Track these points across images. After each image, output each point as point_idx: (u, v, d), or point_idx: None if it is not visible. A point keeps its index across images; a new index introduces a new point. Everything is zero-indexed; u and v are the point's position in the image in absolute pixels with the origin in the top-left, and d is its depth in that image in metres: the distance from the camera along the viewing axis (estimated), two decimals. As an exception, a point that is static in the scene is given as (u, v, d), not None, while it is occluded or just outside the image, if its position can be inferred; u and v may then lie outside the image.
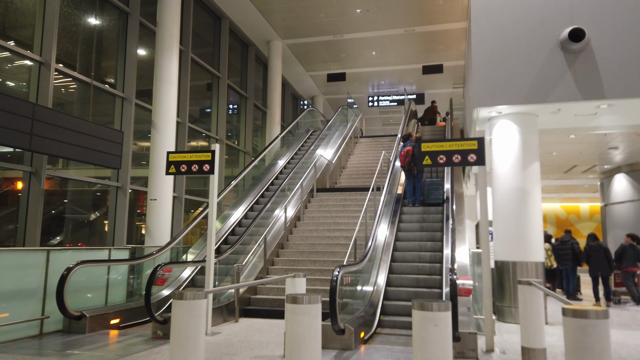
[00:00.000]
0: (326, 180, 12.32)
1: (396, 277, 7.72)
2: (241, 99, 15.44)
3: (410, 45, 15.81)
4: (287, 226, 9.52)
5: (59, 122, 7.24)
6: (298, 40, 15.43)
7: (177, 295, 2.98)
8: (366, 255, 6.63)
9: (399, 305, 6.94)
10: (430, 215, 9.71)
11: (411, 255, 8.33)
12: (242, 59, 15.67)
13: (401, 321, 6.55)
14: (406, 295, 7.29)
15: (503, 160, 7.63)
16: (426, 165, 5.76)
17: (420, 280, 7.58)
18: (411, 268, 7.95)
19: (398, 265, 8.06)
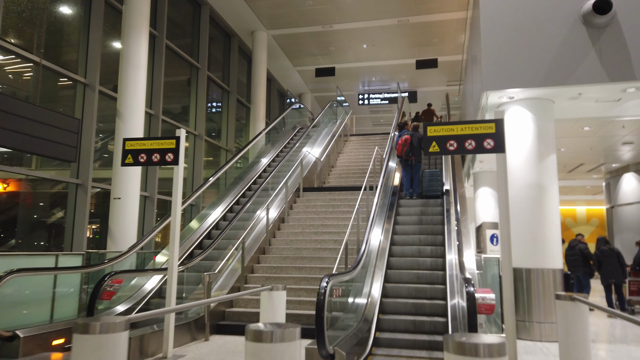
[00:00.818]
0: (314, 179, 11.31)
1: (393, 286, 6.73)
2: (223, 93, 14.39)
3: (403, 37, 14.91)
4: (270, 229, 8.49)
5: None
6: (284, 30, 14.44)
7: (80, 326, 1.94)
8: (359, 262, 5.62)
9: (397, 321, 5.94)
10: (430, 208, 8.79)
11: (409, 261, 7.34)
12: (224, 51, 14.63)
13: (400, 339, 5.54)
14: (405, 308, 6.29)
15: (515, 152, 6.68)
16: (433, 153, 4.78)
17: (421, 290, 6.59)
18: (409, 276, 6.97)
19: (394, 273, 7.06)
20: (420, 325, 5.89)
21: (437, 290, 6.55)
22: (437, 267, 7.23)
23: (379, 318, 6.05)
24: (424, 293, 6.56)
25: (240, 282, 7.09)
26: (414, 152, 9.34)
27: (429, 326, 5.85)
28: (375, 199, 7.81)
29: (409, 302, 6.32)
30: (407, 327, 5.91)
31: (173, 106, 12.03)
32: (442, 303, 6.26)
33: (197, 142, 12.34)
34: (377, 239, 7.67)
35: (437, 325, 5.82)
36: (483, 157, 10.61)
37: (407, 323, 5.92)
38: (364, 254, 5.99)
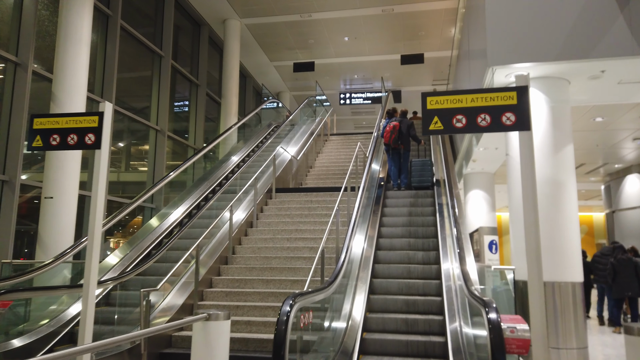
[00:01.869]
0: (289, 180, 10.09)
1: (379, 298, 5.56)
2: (192, 87, 13.11)
3: (387, 29, 13.87)
4: (235, 235, 7.24)
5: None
6: (259, 19, 13.26)
7: None
8: (336, 276, 4.43)
9: (384, 341, 4.76)
10: (420, 199, 7.65)
11: (398, 268, 6.19)
12: (192, 41, 13.37)
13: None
14: (394, 326, 5.13)
15: (525, 141, 5.58)
16: (435, 132, 3.62)
17: (411, 303, 5.43)
18: (399, 286, 5.81)
19: (381, 283, 5.89)
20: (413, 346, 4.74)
21: (434, 304, 5.39)
22: (430, 275, 6.11)
23: (362, 338, 4.89)
24: (417, 307, 5.40)
25: (194, 299, 5.81)
26: (403, 139, 8.62)
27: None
28: (358, 200, 6.64)
29: (399, 317, 5.15)
30: (397, 349, 4.74)
31: (132, 97, 10.71)
32: (438, 319, 5.12)
33: (159, 139, 11.02)
34: (359, 245, 6.50)
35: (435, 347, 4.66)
36: (478, 155, 9.56)
37: (396, 344, 4.75)
38: (342, 266, 4.79)
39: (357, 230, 6.76)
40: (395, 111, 9.31)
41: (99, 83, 9.17)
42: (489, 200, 11.62)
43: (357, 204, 6.44)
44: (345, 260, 5.00)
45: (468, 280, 4.41)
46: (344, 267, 4.81)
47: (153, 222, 7.79)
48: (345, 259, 5.03)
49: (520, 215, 5.46)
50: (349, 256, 5.21)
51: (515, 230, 5.56)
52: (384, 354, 4.79)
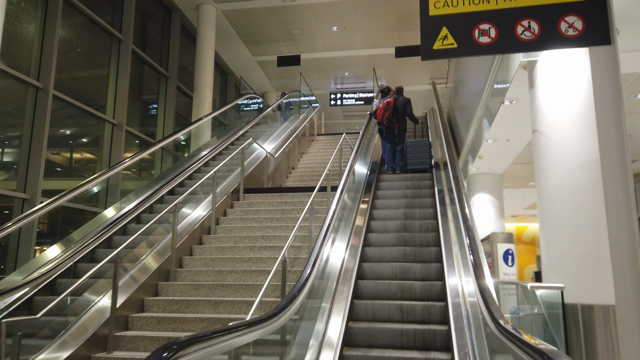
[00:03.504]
0: (263, 180, 8.59)
1: (362, 328, 4.03)
2: (160, 79, 11.66)
3: (380, 17, 12.50)
4: (184, 244, 5.73)
5: None
6: (237, 4, 11.88)
7: None
8: (290, 301, 2.92)
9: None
10: (418, 189, 6.16)
11: (390, 287, 4.69)
12: (163, 29, 11.96)
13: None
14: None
15: (561, 111, 4.09)
16: (440, 53, 2.16)
17: (408, 334, 3.91)
18: (390, 311, 4.29)
19: (365, 307, 4.38)
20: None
21: (436, 335, 3.86)
22: (431, 295, 4.59)
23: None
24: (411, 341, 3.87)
25: (110, 329, 4.25)
26: (398, 117, 7.97)
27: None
28: (336, 198, 5.15)
29: (389, 357, 3.63)
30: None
31: (82, 84, 9.22)
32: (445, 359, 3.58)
33: (115, 134, 9.51)
34: (338, 255, 5.00)
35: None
36: (485, 150, 8.09)
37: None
38: (306, 282, 3.27)
39: (337, 236, 5.27)
40: (390, 90, 8.50)
41: (35, 63, 7.70)
42: (497, 206, 10.13)
43: (336, 202, 4.94)
44: (311, 276, 3.49)
45: (491, 306, 2.89)
46: (307, 286, 3.29)
47: (86, 229, 6.24)
48: (311, 274, 3.51)
49: (556, 212, 3.94)
50: (316, 270, 3.69)
51: (550, 232, 4.05)
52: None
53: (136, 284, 4.81)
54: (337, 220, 5.59)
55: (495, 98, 6.01)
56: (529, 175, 10.49)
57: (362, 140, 7.39)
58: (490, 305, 2.87)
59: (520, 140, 7.50)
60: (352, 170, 6.03)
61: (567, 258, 3.85)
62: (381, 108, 8.08)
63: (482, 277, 3.39)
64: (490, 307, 2.83)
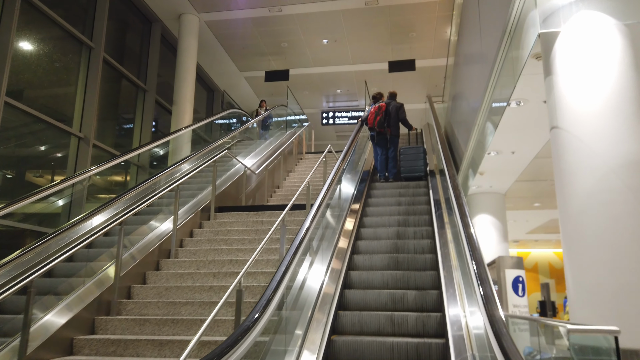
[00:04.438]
0: (241, 197, 7.73)
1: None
2: (138, 92, 10.91)
3: (372, 29, 11.87)
4: (133, 270, 4.83)
5: None
6: (220, 14, 11.23)
7: None
8: (232, 346, 2.03)
9: None
10: (414, 206, 5.29)
11: (378, 320, 3.78)
12: (142, 41, 11.28)
13: None
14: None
15: (588, 97, 3.26)
16: None
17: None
18: (378, 351, 3.39)
19: (346, 344, 3.47)
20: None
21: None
22: (427, 330, 3.70)
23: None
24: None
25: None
26: (390, 122, 7.66)
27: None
28: (311, 214, 4.28)
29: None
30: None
31: (40, 91, 8.43)
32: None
33: (81, 148, 8.67)
34: (316, 279, 4.12)
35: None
36: (487, 164, 7.28)
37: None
38: (254, 324, 2.38)
39: (315, 258, 4.41)
40: (382, 95, 8.26)
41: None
42: (500, 228, 9.25)
43: (310, 218, 4.08)
44: (265, 314, 2.60)
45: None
46: (256, 330, 2.40)
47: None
48: (266, 310, 2.63)
49: (586, 228, 3.08)
50: (275, 303, 2.80)
51: (578, 255, 3.17)
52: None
53: (63, 319, 3.89)
54: (318, 240, 4.74)
55: (499, 101, 5.23)
56: (534, 194, 9.66)
57: (350, 147, 6.62)
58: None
59: (526, 151, 6.69)
60: (334, 182, 5.18)
61: (602, 287, 2.98)
62: (372, 112, 7.75)
63: (495, 309, 2.51)
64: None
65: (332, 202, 6.12)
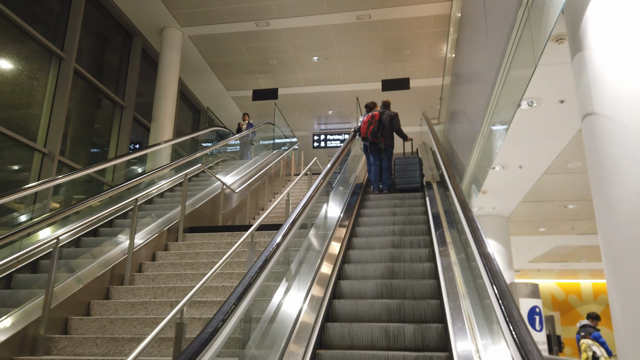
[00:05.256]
0: (217, 218, 6.94)
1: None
2: (115, 108, 10.22)
3: (365, 46, 11.36)
4: (72, 298, 4.00)
5: None
6: (205, 29, 10.69)
7: None
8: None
9: None
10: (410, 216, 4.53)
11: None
12: (121, 55, 10.68)
13: None
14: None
15: (637, 77, 2.55)
16: None
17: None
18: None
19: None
20: None
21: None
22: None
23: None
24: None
25: None
26: (384, 132, 7.32)
27: None
28: (283, 230, 3.53)
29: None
30: None
31: (3, 102, 7.71)
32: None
33: (45, 165, 7.90)
34: (292, 308, 3.32)
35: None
36: (489, 183, 6.57)
37: None
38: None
39: (292, 284, 3.62)
40: (375, 104, 7.89)
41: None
42: (505, 255, 8.45)
43: (285, 229, 3.32)
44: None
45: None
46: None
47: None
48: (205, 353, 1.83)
49: (619, 249, 2.32)
50: (217, 345, 2.01)
51: (631, 282, 2.40)
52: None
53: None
54: (297, 264, 3.97)
55: (507, 103, 4.54)
56: (540, 218, 8.92)
57: (339, 157, 5.95)
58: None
59: (536, 166, 5.99)
60: (317, 192, 4.44)
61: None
62: (365, 122, 7.44)
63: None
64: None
65: (317, 221, 5.37)
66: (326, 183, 5.11)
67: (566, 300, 18.62)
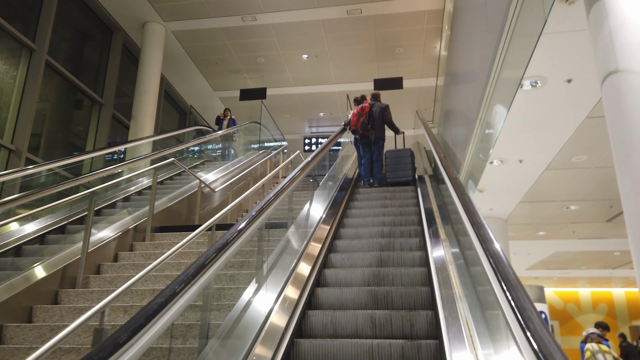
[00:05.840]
0: (193, 218, 6.41)
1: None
2: (93, 105, 9.71)
3: (356, 43, 10.94)
4: (9, 300, 3.46)
5: None
6: (189, 23, 10.23)
7: None
8: None
9: None
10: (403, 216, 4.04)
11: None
12: (101, 51, 10.19)
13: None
14: None
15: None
16: None
17: None
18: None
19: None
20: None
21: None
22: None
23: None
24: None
25: None
26: (374, 124, 7.11)
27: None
28: (252, 213, 3.05)
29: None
30: None
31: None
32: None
33: (11, 162, 7.37)
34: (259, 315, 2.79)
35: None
36: (486, 180, 6.09)
37: None
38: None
39: (267, 283, 3.13)
40: (365, 97, 7.75)
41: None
42: (502, 259, 7.95)
43: (253, 213, 2.82)
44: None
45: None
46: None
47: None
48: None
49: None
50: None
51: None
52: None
53: None
54: (269, 269, 3.48)
55: (507, 85, 4.08)
56: (539, 220, 8.45)
57: (326, 146, 5.53)
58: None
59: (538, 160, 5.52)
60: (285, 190, 3.95)
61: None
62: (355, 114, 7.25)
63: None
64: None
65: (297, 218, 4.89)
66: (305, 174, 4.63)
67: (565, 309, 18.11)
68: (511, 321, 1.42)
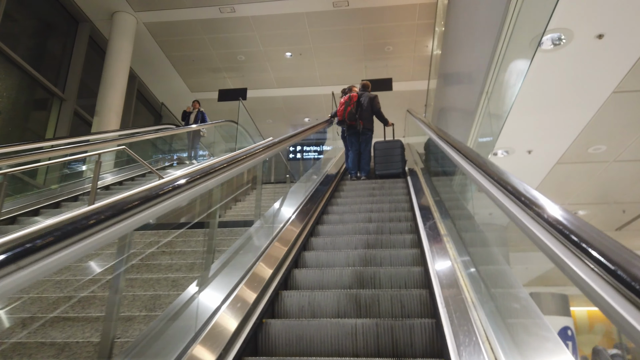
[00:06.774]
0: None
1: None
2: (53, 100, 8.82)
3: (343, 38, 10.25)
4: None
5: None
6: (162, 14, 9.46)
7: None
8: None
9: None
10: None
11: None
12: (65, 42, 9.34)
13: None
14: None
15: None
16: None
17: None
18: None
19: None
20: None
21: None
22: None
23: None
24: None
25: None
26: (363, 115, 6.71)
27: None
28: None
29: None
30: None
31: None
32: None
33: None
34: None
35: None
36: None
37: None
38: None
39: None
40: (352, 88, 7.26)
41: None
42: (503, 270, 7.14)
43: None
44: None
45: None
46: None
47: None
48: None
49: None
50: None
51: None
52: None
53: None
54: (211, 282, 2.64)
55: (523, 43, 3.31)
56: (542, 229, 7.64)
57: (304, 130, 4.81)
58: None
59: (550, 150, 4.74)
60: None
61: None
62: (342, 103, 6.85)
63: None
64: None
65: (266, 213, 4.08)
66: (280, 149, 3.82)
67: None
68: None
